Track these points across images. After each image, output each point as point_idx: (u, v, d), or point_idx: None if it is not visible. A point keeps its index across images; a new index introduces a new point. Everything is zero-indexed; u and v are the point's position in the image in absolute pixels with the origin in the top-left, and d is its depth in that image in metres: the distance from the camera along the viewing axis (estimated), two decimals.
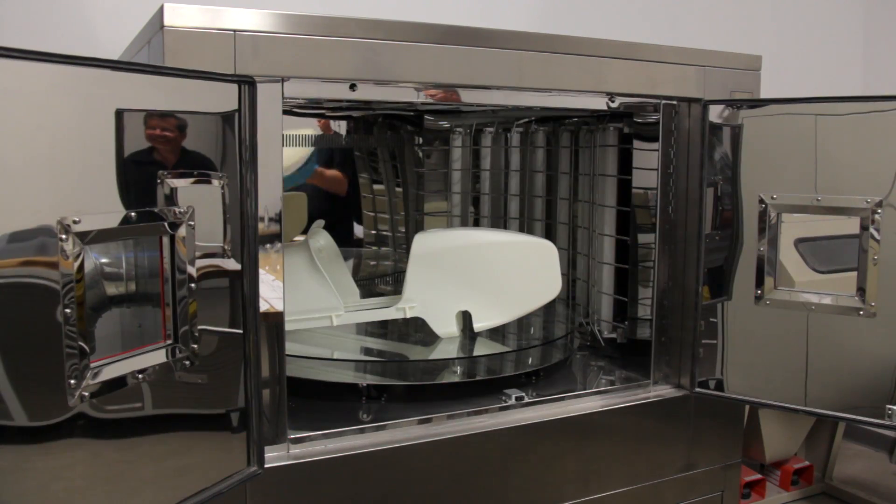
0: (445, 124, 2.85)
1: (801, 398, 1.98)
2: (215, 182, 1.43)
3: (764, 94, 2.14)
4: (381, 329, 2.35)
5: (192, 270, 1.36)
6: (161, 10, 1.46)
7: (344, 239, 3.01)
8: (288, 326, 1.66)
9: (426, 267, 2.11)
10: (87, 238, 1.18)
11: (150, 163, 1.32)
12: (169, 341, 1.35)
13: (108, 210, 1.24)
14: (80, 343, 1.17)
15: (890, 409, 1.86)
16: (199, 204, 1.38)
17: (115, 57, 1.88)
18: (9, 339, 1.12)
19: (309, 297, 2.08)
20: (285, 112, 1.59)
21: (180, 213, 1.34)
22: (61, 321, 1.15)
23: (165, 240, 1.33)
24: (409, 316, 2.12)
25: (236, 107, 1.43)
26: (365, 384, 1.92)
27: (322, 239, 2.33)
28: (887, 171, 1.82)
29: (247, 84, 1.44)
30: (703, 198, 2.03)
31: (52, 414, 1.19)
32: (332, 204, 2.99)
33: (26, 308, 1.15)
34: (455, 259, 2.13)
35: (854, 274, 1.87)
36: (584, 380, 2.20)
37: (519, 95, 1.88)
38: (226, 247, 1.45)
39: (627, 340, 2.31)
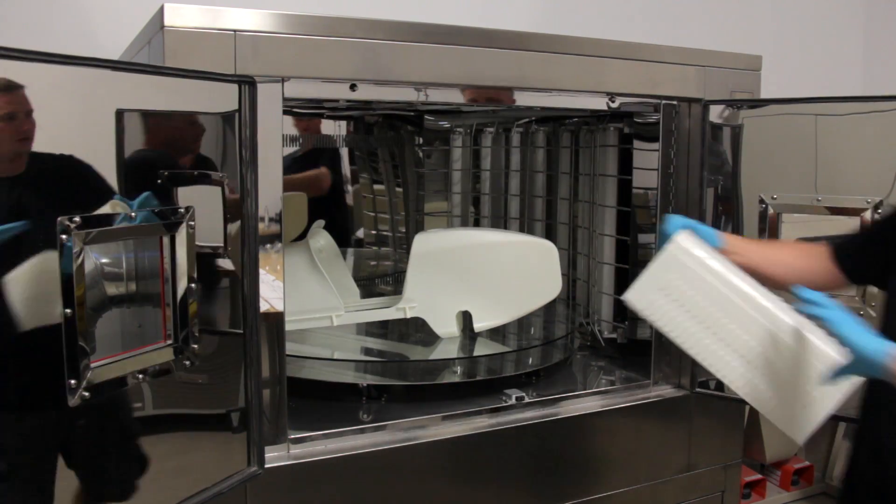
0: (445, 124, 2.85)
1: None
2: (215, 182, 1.43)
3: (764, 94, 2.14)
4: (381, 329, 2.35)
5: (192, 270, 1.36)
6: (161, 11, 1.46)
7: (342, 239, 3.01)
8: (288, 327, 1.66)
9: (426, 267, 2.11)
10: (87, 238, 1.18)
11: (151, 162, 1.32)
12: (169, 341, 1.35)
13: (108, 210, 1.24)
14: (80, 343, 1.17)
15: None
16: (199, 204, 1.38)
17: (115, 57, 1.88)
18: (9, 340, 1.12)
19: (309, 297, 2.08)
20: (285, 112, 1.59)
21: (180, 213, 1.34)
22: (61, 321, 1.15)
23: (165, 240, 1.33)
24: (409, 316, 2.12)
25: (236, 107, 1.43)
26: (365, 384, 1.92)
27: (322, 239, 2.33)
28: (887, 171, 1.81)
29: (247, 84, 1.44)
30: (703, 198, 2.03)
31: (53, 414, 1.19)
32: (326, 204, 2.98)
33: (26, 308, 1.15)
34: (455, 259, 2.13)
35: None
36: (585, 380, 2.20)
37: (519, 95, 1.88)
38: (226, 247, 1.45)
39: (627, 340, 2.31)
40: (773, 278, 1.39)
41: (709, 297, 1.35)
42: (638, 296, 1.38)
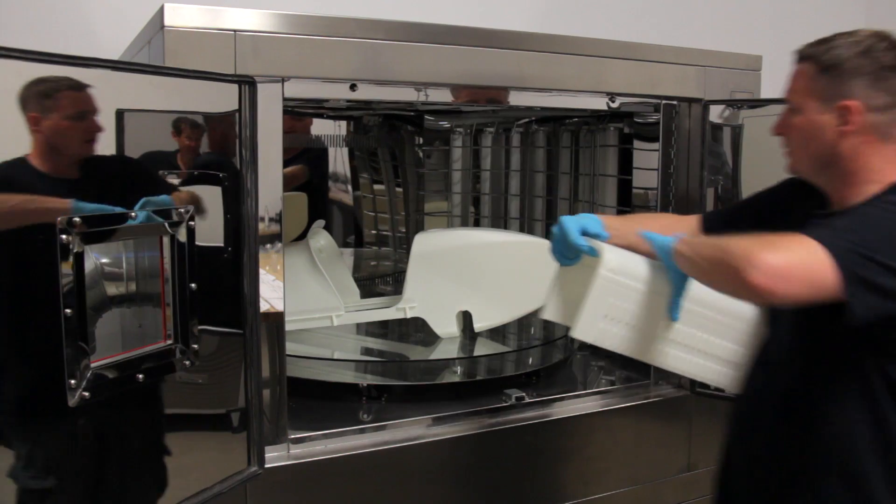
0: (445, 124, 2.85)
1: None
2: (215, 182, 1.43)
3: (764, 94, 2.14)
4: (382, 329, 2.35)
5: (192, 270, 1.36)
6: (161, 11, 1.46)
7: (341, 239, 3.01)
8: (288, 327, 1.66)
9: (426, 267, 2.11)
10: (87, 238, 1.18)
11: (151, 162, 1.32)
12: (169, 341, 1.35)
13: (108, 210, 1.24)
14: (80, 343, 1.17)
15: None
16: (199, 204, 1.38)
17: (115, 57, 1.88)
18: (9, 340, 1.13)
19: (309, 297, 2.08)
20: (285, 112, 1.58)
21: (180, 213, 1.34)
22: (61, 321, 1.15)
23: (165, 240, 1.33)
24: (409, 316, 2.12)
25: (236, 107, 1.43)
26: (365, 384, 1.92)
27: (322, 239, 2.33)
28: None
29: (247, 84, 1.44)
30: (704, 198, 2.03)
31: (52, 414, 1.19)
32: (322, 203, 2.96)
33: (26, 309, 1.15)
34: (455, 259, 2.13)
35: None
36: (584, 380, 2.20)
37: (519, 95, 1.88)
38: (226, 247, 1.45)
39: None
40: (648, 253, 1.39)
41: (646, 305, 1.36)
42: (586, 329, 1.35)
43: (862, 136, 1.23)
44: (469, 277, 2.13)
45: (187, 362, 1.37)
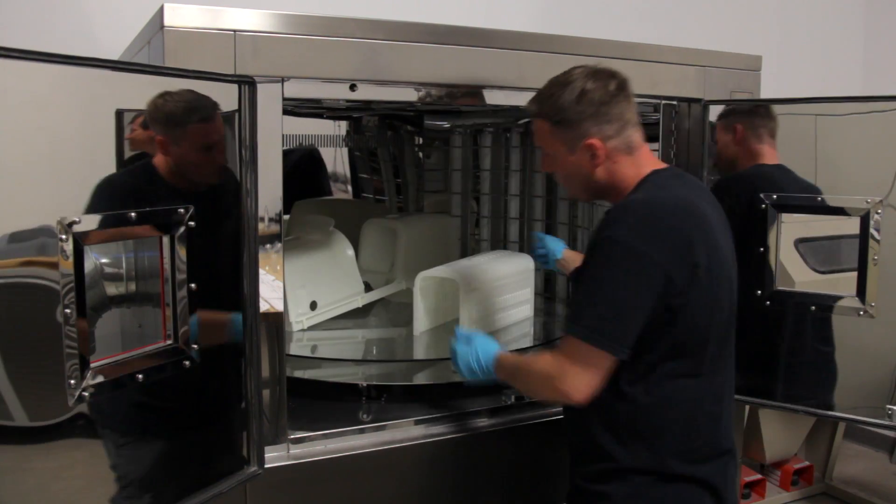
0: (445, 124, 2.85)
1: (801, 398, 1.98)
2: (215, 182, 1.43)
3: (764, 94, 2.14)
4: (381, 323, 2.36)
5: (191, 270, 1.36)
6: (161, 11, 1.45)
7: None
8: (323, 318, 1.67)
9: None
10: (87, 238, 1.18)
11: (150, 163, 1.33)
12: (169, 341, 1.35)
13: (108, 210, 1.24)
14: (81, 343, 1.17)
15: (890, 409, 1.86)
16: (200, 204, 1.37)
17: (115, 57, 1.88)
18: (9, 339, 1.13)
19: (340, 286, 2.29)
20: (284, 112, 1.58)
21: (180, 213, 1.34)
22: (61, 321, 1.15)
23: (165, 240, 1.33)
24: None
25: (236, 107, 1.43)
26: (365, 384, 1.92)
27: (336, 235, 2.40)
28: (887, 171, 1.81)
29: (247, 84, 1.44)
30: None
31: (52, 414, 1.19)
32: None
33: (26, 308, 1.15)
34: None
35: (854, 274, 1.87)
36: None
37: (519, 95, 1.88)
38: (226, 247, 1.45)
39: None
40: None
41: None
42: None
43: (611, 160, 1.44)
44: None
45: (187, 362, 1.37)
